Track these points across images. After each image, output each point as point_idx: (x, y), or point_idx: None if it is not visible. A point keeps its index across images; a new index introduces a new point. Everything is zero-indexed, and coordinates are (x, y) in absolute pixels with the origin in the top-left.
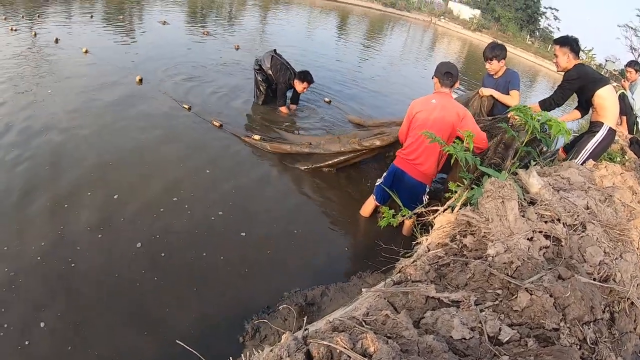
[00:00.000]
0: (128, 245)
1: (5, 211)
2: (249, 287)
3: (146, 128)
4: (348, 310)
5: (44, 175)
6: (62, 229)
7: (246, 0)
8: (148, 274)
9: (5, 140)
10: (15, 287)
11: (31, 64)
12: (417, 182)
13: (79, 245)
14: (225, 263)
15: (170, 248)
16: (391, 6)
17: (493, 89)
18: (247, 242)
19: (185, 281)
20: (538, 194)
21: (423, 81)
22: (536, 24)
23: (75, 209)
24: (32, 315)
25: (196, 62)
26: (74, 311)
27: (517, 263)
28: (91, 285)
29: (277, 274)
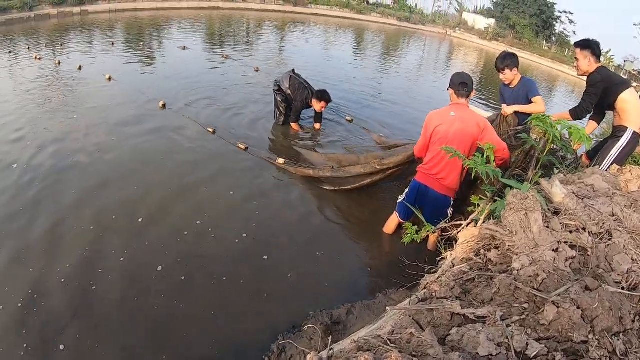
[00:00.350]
0: (149, 268)
1: (33, 233)
2: (273, 308)
3: (170, 152)
4: (373, 328)
5: (69, 198)
6: (86, 251)
7: (262, 23)
8: (167, 298)
9: (34, 163)
10: (37, 309)
11: (56, 90)
12: (441, 196)
13: (101, 268)
14: (249, 284)
15: (191, 271)
16: (406, 20)
17: (512, 99)
18: (271, 263)
19: (206, 304)
20: (562, 203)
21: (443, 93)
22: (552, 29)
23: (100, 231)
24: (52, 337)
25: (217, 86)
26: (93, 334)
27: (543, 275)
28: (110, 308)
29: (302, 293)
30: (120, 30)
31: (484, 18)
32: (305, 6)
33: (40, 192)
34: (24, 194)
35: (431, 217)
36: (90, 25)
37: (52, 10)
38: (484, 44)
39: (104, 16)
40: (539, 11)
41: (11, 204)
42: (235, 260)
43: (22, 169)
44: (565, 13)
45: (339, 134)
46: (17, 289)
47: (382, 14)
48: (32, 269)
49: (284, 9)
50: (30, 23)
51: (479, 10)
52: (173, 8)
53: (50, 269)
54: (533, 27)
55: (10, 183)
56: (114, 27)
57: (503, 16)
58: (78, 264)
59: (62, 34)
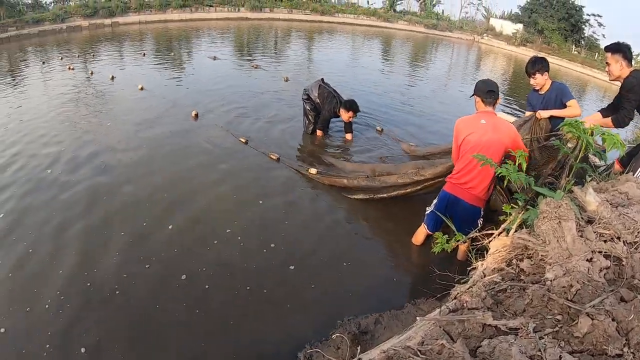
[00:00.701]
0: (173, 277)
1: (63, 236)
2: (300, 317)
3: (202, 162)
4: (402, 339)
5: (102, 204)
6: (117, 256)
7: (290, 32)
8: (188, 306)
9: (67, 168)
10: (62, 311)
11: (90, 100)
12: (472, 206)
13: (126, 273)
14: (275, 294)
15: (215, 281)
16: (433, 28)
17: (542, 104)
18: (298, 272)
19: (229, 313)
20: (595, 211)
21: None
22: (580, 33)
23: (130, 237)
24: (75, 339)
25: (248, 95)
26: (112, 339)
27: (576, 286)
28: (130, 315)
29: (329, 303)
30: (150, 41)
31: (511, 23)
32: (332, 15)
33: (72, 196)
34: (57, 198)
35: (461, 227)
36: (120, 37)
37: (83, 22)
38: (512, 50)
39: (134, 27)
40: (567, 15)
41: (43, 208)
42: (262, 270)
43: (56, 174)
44: (594, 16)
45: (370, 144)
46: (44, 291)
47: (409, 21)
48: (62, 271)
49: (311, 18)
50: (63, 34)
51: (507, 16)
52: (201, 19)
53: (78, 273)
54: (561, 31)
55: (44, 187)
56: (144, 38)
57: (531, 21)
58: (105, 270)
59: (93, 45)
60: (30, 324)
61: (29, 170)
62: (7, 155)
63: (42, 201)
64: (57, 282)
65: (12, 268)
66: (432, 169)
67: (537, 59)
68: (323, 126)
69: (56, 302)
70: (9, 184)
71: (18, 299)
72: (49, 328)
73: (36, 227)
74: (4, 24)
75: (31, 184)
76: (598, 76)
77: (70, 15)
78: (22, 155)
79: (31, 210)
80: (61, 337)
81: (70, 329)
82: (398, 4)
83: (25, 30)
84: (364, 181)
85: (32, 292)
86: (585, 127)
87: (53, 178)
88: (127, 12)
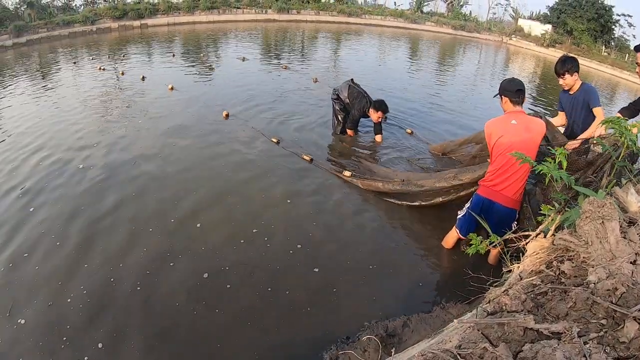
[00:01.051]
0: (194, 275)
1: (92, 231)
2: (328, 318)
3: (233, 162)
4: (434, 342)
5: (132, 201)
6: (144, 252)
7: (317, 34)
8: (208, 305)
9: (100, 164)
10: (82, 306)
11: (121, 100)
12: (507, 209)
13: (150, 270)
14: (300, 292)
15: (238, 280)
16: (460, 29)
17: (570, 106)
18: (326, 272)
19: (251, 313)
20: (637, 212)
21: None
22: (610, 34)
23: (158, 234)
24: (92, 334)
25: (278, 96)
26: (129, 336)
27: (621, 289)
28: (150, 312)
29: (356, 305)
30: (179, 42)
31: (540, 24)
32: (359, 16)
33: (101, 191)
34: (87, 192)
35: (496, 230)
36: (149, 38)
37: (112, 24)
38: (541, 51)
39: (162, 29)
40: (596, 15)
41: (71, 202)
42: (287, 270)
43: (88, 169)
44: (624, 16)
45: (401, 146)
46: (68, 285)
47: (436, 22)
48: (87, 265)
49: (338, 20)
50: (92, 36)
51: (535, 17)
52: (229, 21)
53: (103, 267)
54: (591, 32)
55: (74, 182)
56: (172, 39)
57: (560, 22)
58: (129, 266)
59: (123, 46)
60: (50, 316)
61: (62, 165)
62: (41, 149)
63: (71, 196)
64: (81, 277)
65: (38, 261)
66: (470, 173)
67: (567, 58)
68: (353, 126)
69: (79, 296)
70: (42, 178)
71: (41, 291)
72: (68, 322)
73: (64, 220)
74: (35, 26)
75: (63, 178)
76: (628, 78)
77: (99, 17)
78: (56, 150)
79: (60, 202)
80: (79, 331)
81: (88, 323)
82: (425, 5)
83: (56, 32)
84: (399, 185)
85: (56, 285)
86: (627, 124)
87: (84, 173)
88: (156, 14)
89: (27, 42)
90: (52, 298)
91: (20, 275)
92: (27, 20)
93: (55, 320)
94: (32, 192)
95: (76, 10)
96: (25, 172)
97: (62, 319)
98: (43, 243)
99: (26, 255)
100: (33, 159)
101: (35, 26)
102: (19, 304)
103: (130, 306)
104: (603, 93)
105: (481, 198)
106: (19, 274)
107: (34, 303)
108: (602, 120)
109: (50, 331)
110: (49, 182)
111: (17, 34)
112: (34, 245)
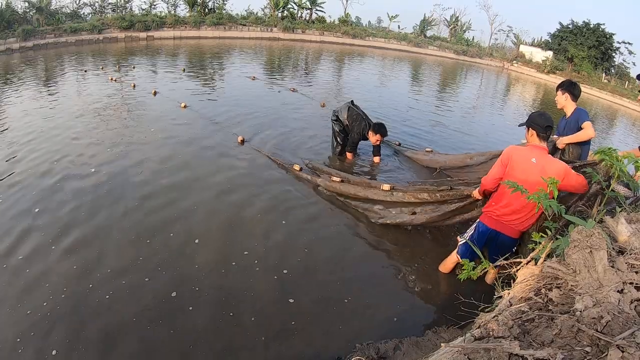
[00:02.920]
0: (163, 293)
1: (72, 244)
2: (318, 339)
3: (242, 185)
4: None
5: (136, 212)
6: (140, 260)
7: (320, 56)
8: (167, 326)
9: (107, 182)
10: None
11: (134, 116)
12: (511, 239)
13: (126, 281)
14: (290, 314)
15: (202, 302)
16: (463, 53)
17: (565, 129)
18: (317, 292)
19: (232, 341)
20: (627, 242)
21: (499, 128)
22: (611, 61)
23: (146, 252)
24: (45, 345)
25: (288, 120)
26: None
27: (607, 318)
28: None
29: (349, 327)
30: (187, 57)
31: (541, 50)
32: (363, 38)
33: (112, 203)
34: (98, 200)
35: (496, 255)
36: (156, 50)
37: (119, 34)
38: (542, 77)
39: (168, 42)
40: (597, 42)
41: (77, 210)
42: (278, 290)
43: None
44: (625, 43)
45: (396, 167)
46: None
47: (439, 47)
48: (76, 267)
49: (342, 41)
50: (99, 45)
51: (536, 43)
52: (235, 37)
53: (81, 281)
54: (591, 59)
55: (83, 193)
56: (179, 53)
57: (560, 48)
58: (118, 274)
59: (131, 57)
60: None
61: (72, 174)
62: (47, 162)
63: (68, 208)
64: (46, 291)
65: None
66: (461, 188)
67: (566, 80)
68: (352, 148)
69: (41, 313)
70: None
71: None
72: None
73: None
74: (42, 31)
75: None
76: (628, 105)
77: (107, 26)
78: (64, 162)
79: (52, 210)
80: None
81: (44, 334)
82: (428, 29)
83: (63, 39)
84: (388, 195)
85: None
86: (617, 155)
87: (88, 183)
88: (162, 27)
89: (34, 47)
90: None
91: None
92: (35, 24)
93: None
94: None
95: (84, 19)
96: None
97: (22, 327)
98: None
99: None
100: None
101: (43, 31)
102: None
103: (87, 320)
104: (603, 120)
105: (487, 229)
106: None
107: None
108: (597, 150)
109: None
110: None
111: (24, 38)
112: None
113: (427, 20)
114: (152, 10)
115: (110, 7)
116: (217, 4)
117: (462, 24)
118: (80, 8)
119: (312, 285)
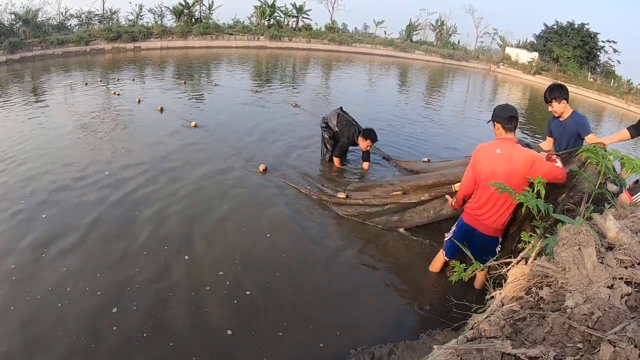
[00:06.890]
0: (127, 307)
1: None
2: (313, 346)
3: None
4: None
5: (137, 220)
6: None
7: (308, 63)
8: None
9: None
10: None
11: (143, 133)
12: (488, 237)
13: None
14: (283, 319)
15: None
16: (449, 57)
17: (560, 132)
18: (311, 297)
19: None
20: (616, 238)
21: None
22: (596, 60)
23: (152, 257)
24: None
25: (292, 138)
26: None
27: (597, 313)
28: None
29: (343, 333)
30: (171, 66)
31: (527, 52)
32: (350, 45)
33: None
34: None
35: (479, 256)
36: (143, 61)
37: (106, 45)
38: (528, 79)
39: (155, 53)
40: (582, 42)
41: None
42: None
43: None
44: (609, 42)
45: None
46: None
47: (425, 51)
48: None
49: (329, 48)
50: (86, 56)
51: (522, 45)
52: (222, 47)
53: (76, 288)
54: (577, 59)
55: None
56: (169, 63)
57: (546, 49)
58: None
59: (132, 69)
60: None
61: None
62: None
63: (85, 210)
64: (24, 310)
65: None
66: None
67: (555, 86)
68: (341, 154)
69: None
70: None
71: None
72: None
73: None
74: (29, 43)
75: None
76: (615, 103)
77: (94, 38)
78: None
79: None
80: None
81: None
82: (415, 34)
83: (50, 51)
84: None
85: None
86: (604, 152)
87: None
88: (149, 38)
89: (21, 60)
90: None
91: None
92: (21, 37)
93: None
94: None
95: (71, 30)
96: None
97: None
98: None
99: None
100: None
101: (30, 44)
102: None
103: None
104: (590, 117)
105: (464, 224)
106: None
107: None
108: (582, 148)
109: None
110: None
111: (11, 51)
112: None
113: (413, 25)
114: (139, 21)
115: (97, 18)
116: (203, 14)
117: (448, 28)
118: (67, 20)
119: (304, 292)
